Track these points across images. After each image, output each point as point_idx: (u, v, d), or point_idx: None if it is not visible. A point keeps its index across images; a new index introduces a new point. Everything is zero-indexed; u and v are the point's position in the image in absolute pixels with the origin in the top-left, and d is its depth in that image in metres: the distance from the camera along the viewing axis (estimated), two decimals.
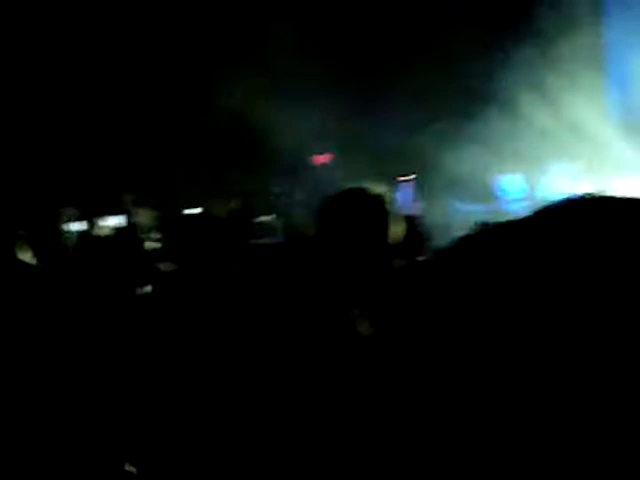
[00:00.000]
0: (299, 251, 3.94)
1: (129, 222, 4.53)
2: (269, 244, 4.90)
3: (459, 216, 11.39)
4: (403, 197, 12.50)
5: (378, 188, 2.44)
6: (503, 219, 0.97)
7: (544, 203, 0.95)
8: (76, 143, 13.10)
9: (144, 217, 5.06)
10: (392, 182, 12.17)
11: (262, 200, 12.47)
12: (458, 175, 11.99)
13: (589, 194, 0.93)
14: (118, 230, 7.38)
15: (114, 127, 13.35)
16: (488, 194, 12.96)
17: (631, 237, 0.88)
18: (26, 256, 3.88)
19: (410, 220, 3.73)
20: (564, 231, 0.90)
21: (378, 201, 2.33)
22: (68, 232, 6.57)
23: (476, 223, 0.98)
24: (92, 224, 7.10)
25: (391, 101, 13.65)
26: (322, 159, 14.47)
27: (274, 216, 9.24)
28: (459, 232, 1.01)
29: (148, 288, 3.88)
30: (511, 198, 12.97)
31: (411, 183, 13.41)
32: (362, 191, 2.33)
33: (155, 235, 4.59)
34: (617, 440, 0.82)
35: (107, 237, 6.30)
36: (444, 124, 12.74)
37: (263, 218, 8.71)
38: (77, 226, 6.92)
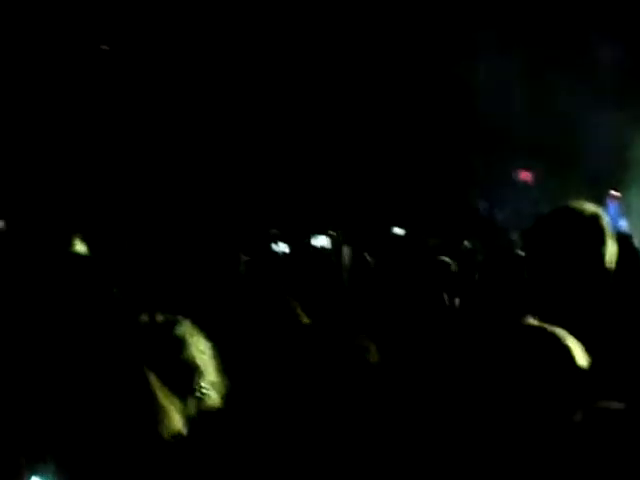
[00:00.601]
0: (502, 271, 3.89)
1: (336, 244, 4.64)
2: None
3: None
4: (610, 214, 12.02)
5: (591, 206, 2.36)
6: None
7: None
8: (283, 168, 13.50)
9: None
10: (599, 199, 11.75)
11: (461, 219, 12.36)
12: None
13: None
14: (320, 251, 7.56)
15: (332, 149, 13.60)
16: None
17: None
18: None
19: (622, 238, 3.59)
20: None
21: (595, 221, 2.26)
22: (275, 252, 6.81)
23: None
24: (296, 245, 7.32)
25: (595, 116, 13.22)
26: (525, 176, 14.17)
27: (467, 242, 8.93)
28: None
29: None
30: None
31: (617, 199, 12.89)
32: (578, 210, 2.26)
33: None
34: None
35: (313, 257, 6.47)
36: None
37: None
38: (282, 247, 7.17)
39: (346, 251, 4.48)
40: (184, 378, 2.05)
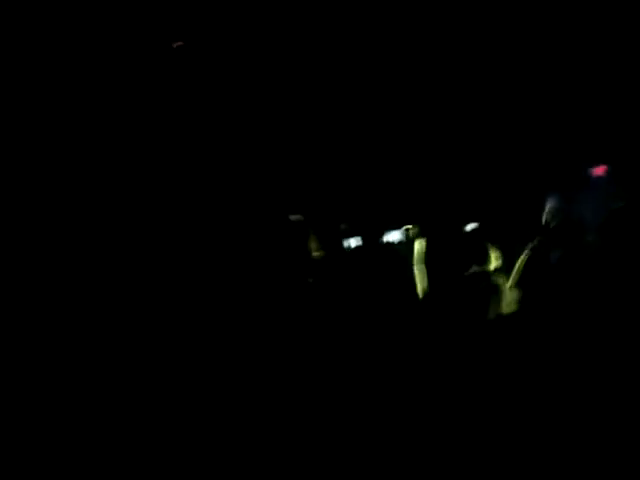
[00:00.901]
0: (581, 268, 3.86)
1: (407, 239, 4.66)
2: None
3: None
4: None
5: None
6: None
7: None
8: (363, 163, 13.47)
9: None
10: None
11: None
12: None
13: None
14: (391, 246, 7.54)
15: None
16: None
17: None
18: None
19: None
20: None
21: None
22: (345, 247, 6.80)
23: None
24: (368, 239, 7.29)
25: None
26: (599, 171, 13.89)
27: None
28: None
29: None
30: None
31: None
32: None
33: None
34: None
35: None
36: None
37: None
38: (353, 241, 7.15)
39: (419, 246, 4.49)
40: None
